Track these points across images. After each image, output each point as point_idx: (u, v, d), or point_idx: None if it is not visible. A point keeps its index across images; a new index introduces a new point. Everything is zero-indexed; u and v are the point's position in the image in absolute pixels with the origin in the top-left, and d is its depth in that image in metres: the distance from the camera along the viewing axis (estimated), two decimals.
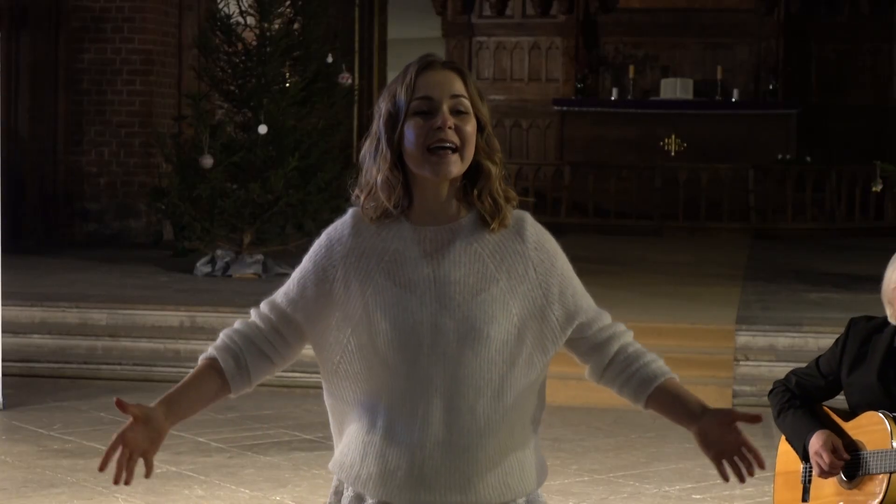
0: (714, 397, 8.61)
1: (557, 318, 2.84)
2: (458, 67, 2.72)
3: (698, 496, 6.53)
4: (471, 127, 2.67)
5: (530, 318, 2.74)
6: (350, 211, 2.75)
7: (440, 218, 2.69)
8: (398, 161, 2.66)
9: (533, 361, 2.76)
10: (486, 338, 2.65)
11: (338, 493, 2.78)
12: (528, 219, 2.80)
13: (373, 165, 2.68)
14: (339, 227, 2.73)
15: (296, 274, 2.77)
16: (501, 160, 2.73)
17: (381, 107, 2.68)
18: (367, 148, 2.71)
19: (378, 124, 2.69)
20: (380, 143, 2.67)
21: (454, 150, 2.63)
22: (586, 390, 8.72)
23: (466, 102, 2.67)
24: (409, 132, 2.63)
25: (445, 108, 2.64)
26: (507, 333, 2.69)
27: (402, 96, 2.65)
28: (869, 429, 4.01)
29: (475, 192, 2.68)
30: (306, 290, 2.73)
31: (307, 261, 2.75)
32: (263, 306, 2.82)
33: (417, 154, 2.63)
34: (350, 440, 2.73)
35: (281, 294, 2.79)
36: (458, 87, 2.68)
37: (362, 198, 2.70)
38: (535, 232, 2.79)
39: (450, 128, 2.63)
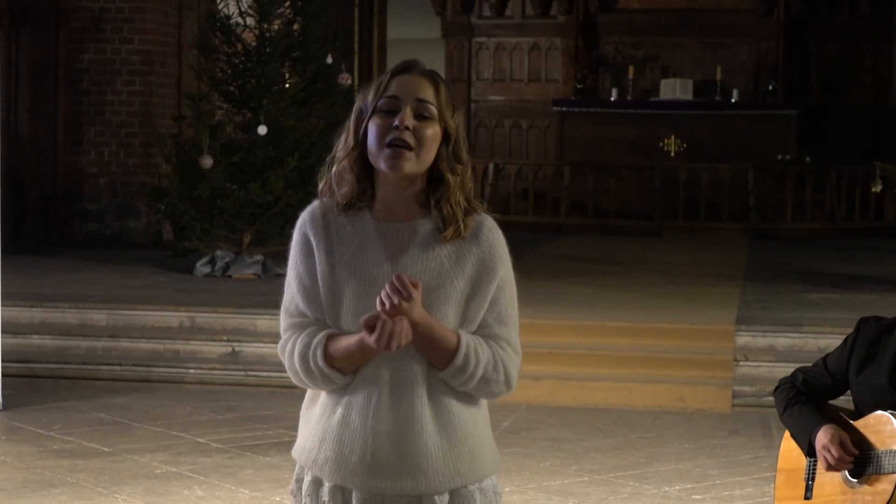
0: (714, 397, 8.62)
1: (474, 312, 2.82)
2: (433, 76, 2.81)
3: (698, 496, 6.53)
4: (431, 132, 2.76)
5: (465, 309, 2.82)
6: (311, 206, 2.87)
7: (400, 215, 2.81)
8: (361, 156, 2.79)
9: None
10: None
11: (298, 480, 2.92)
12: (488, 223, 2.85)
13: (338, 159, 2.83)
14: (307, 220, 2.85)
15: (292, 283, 2.90)
16: (464, 172, 2.81)
17: (356, 105, 2.83)
18: (339, 143, 2.85)
19: (349, 120, 2.83)
20: (347, 138, 2.82)
21: (410, 149, 2.74)
22: (586, 390, 8.73)
23: (432, 108, 2.76)
24: (372, 128, 2.76)
25: (408, 109, 2.75)
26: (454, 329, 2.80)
27: (371, 95, 2.79)
28: (877, 428, 4.00)
29: (433, 199, 2.78)
30: (310, 289, 2.86)
31: (293, 263, 2.88)
32: (292, 325, 2.94)
33: (375, 149, 2.75)
34: (312, 425, 2.87)
35: (293, 310, 2.93)
36: (427, 93, 2.77)
37: (335, 187, 2.82)
38: (491, 237, 2.83)
39: (407, 128, 2.73)
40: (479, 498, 2.84)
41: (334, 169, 2.82)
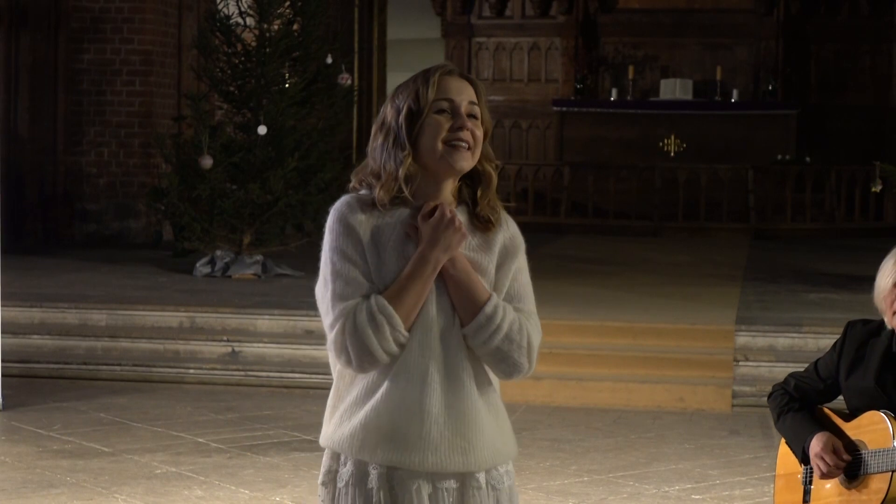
0: (714, 397, 8.62)
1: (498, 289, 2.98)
2: (472, 79, 3.00)
3: (698, 496, 6.53)
4: (479, 133, 2.95)
5: None
6: (345, 198, 2.93)
7: None
8: (415, 154, 2.91)
9: None
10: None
11: (331, 472, 2.93)
12: (509, 217, 3.05)
13: (388, 159, 2.90)
14: (346, 209, 2.90)
15: (340, 270, 2.87)
16: (497, 168, 3.01)
17: (400, 104, 2.91)
18: (379, 142, 2.93)
19: (396, 120, 2.91)
20: (398, 137, 2.90)
21: (469, 149, 2.92)
22: (586, 390, 8.73)
23: (478, 110, 2.96)
24: (430, 128, 2.89)
25: (464, 110, 2.93)
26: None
27: (425, 95, 2.90)
28: (870, 428, 4.01)
29: (479, 192, 2.96)
30: (356, 266, 2.88)
31: (338, 250, 2.88)
32: (345, 308, 2.86)
33: (436, 147, 2.89)
34: (350, 412, 2.90)
35: (347, 293, 2.86)
36: (473, 95, 2.97)
37: (377, 188, 2.90)
38: (512, 227, 3.04)
39: (467, 129, 2.91)
40: (507, 479, 2.98)
41: (399, 170, 2.89)
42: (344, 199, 2.93)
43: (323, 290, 2.89)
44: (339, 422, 2.91)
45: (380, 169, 2.91)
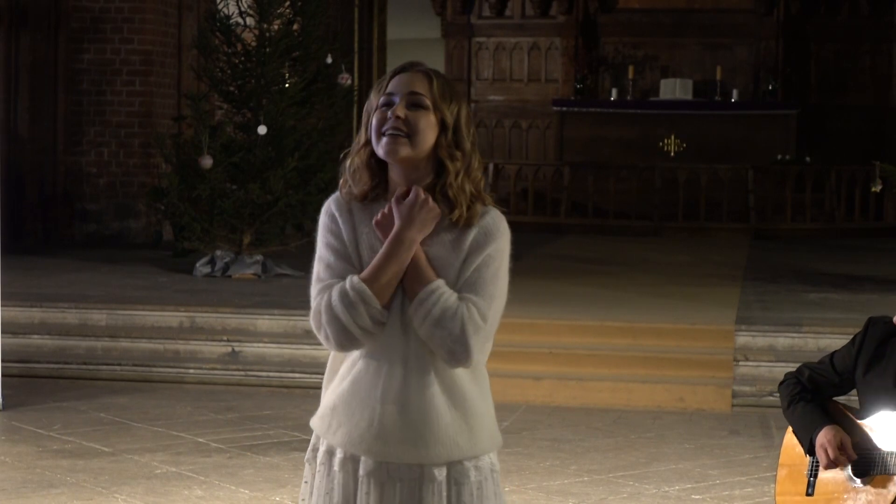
0: (714, 397, 8.62)
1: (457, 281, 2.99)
2: (428, 72, 3.02)
3: (698, 496, 6.53)
4: (425, 121, 2.96)
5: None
6: (334, 195, 3.08)
7: None
8: (373, 152, 3.01)
9: None
10: None
11: (314, 449, 3.07)
12: (493, 214, 3.01)
13: (354, 154, 3.05)
14: (332, 203, 3.06)
15: (323, 256, 3.02)
16: (467, 160, 3.00)
17: (366, 105, 3.06)
18: (355, 140, 3.09)
19: (363, 118, 3.07)
20: (360, 135, 3.05)
21: (404, 136, 2.95)
22: (586, 390, 8.73)
23: (424, 100, 2.97)
24: (372, 123, 3.00)
25: (401, 102, 2.97)
26: None
27: (377, 94, 3.03)
28: (883, 429, 4.00)
29: (438, 186, 2.98)
30: (342, 251, 3.00)
31: (323, 239, 3.03)
32: (324, 286, 2.98)
33: (375, 139, 2.98)
34: (329, 393, 3.04)
35: (325, 276, 2.99)
36: (420, 86, 2.98)
37: (350, 182, 3.04)
38: (490, 224, 2.99)
39: (399, 117, 2.95)
40: (474, 474, 2.98)
41: (349, 165, 3.04)
42: (333, 195, 3.08)
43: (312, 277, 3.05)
44: (322, 403, 3.06)
45: (349, 166, 3.05)
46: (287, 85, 11.75)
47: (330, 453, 3.01)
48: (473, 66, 19.66)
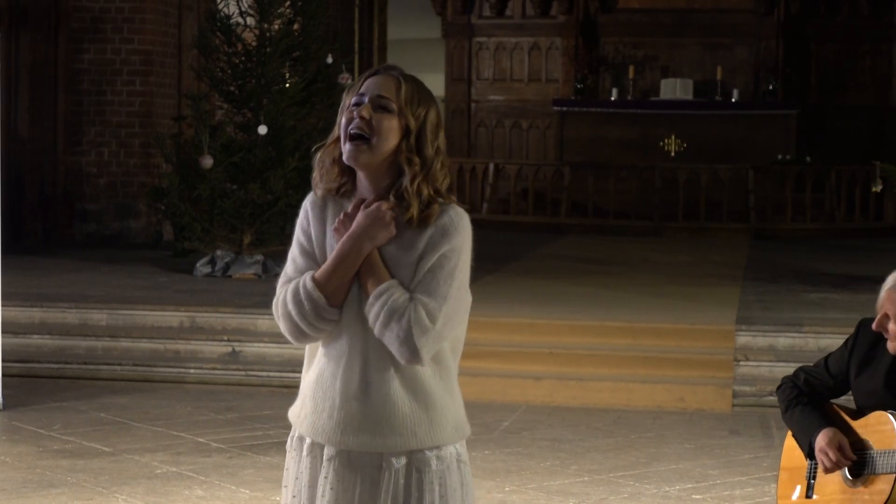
0: (714, 397, 8.62)
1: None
2: (399, 76, 3.07)
3: (698, 496, 6.53)
4: (387, 124, 3.02)
5: None
6: (311, 194, 3.18)
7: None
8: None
9: None
10: None
11: (291, 439, 3.19)
12: (452, 212, 3.05)
13: (324, 152, 3.14)
14: (307, 201, 3.16)
15: (292, 251, 3.15)
16: (427, 165, 3.03)
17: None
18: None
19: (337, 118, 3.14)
20: (333, 132, 3.12)
21: (365, 141, 3.01)
22: (586, 390, 8.73)
23: (390, 103, 3.03)
24: (341, 122, 3.08)
25: (368, 102, 3.03)
26: None
27: (348, 96, 3.10)
28: (877, 428, 4.01)
29: (394, 189, 3.04)
30: (307, 247, 3.12)
31: (295, 235, 3.15)
32: (286, 281, 3.13)
33: (342, 140, 3.06)
34: (301, 387, 3.16)
35: (290, 272, 3.13)
36: (388, 90, 3.04)
37: (317, 177, 3.13)
38: (447, 222, 3.03)
39: (363, 117, 3.02)
40: (436, 463, 3.05)
41: (320, 160, 3.12)
42: (312, 191, 3.17)
43: None
44: (298, 395, 3.17)
45: (320, 161, 3.13)
46: (287, 85, 11.75)
47: (301, 440, 3.13)
48: (474, 66, 19.66)
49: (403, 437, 3.01)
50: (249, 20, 11.75)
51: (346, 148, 3.03)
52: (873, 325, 4.07)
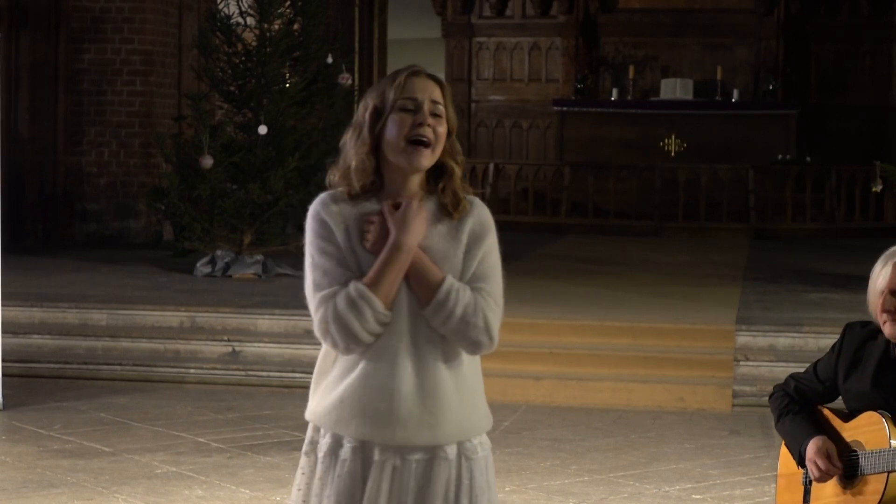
0: (714, 397, 8.62)
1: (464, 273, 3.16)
2: (439, 80, 3.18)
3: (698, 496, 6.53)
4: (443, 129, 3.14)
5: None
6: (320, 196, 3.19)
7: (407, 199, 3.13)
8: (375, 149, 3.13)
9: None
10: None
11: (313, 442, 3.19)
12: (477, 202, 3.22)
13: (353, 153, 3.15)
14: (319, 206, 3.16)
15: (318, 262, 3.12)
16: (462, 162, 3.19)
17: (368, 102, 3.16)
18: (348, 136, 3.18)
19: (363, 116, 3.15)
20: (361, 131, 3.14)
21: (427, 146, 3.10)
22: (586, 390, 8.74)
23: (442, 109, 3.14)
24: (393, 124, 3.10)
25: (426, 108, 3.11)
26: None
27: (390, 94, 3.11)
28: (868, 429, 4.01)
29: (440, 186, 3.15)
30: (337, 255, 3.11)
31: (315, 245, 3.13)
32: (327, 294, 3.08)
33: (398, 143, 3.10)
34: (330, 388, 3.14)
35: (325, 283, 3.09)
36: (438, 95, 3.14)
37: (337, 178, 3.17)
38: (482, 213, 3.20)
39: (428, 125, 3.10)
40: (480, 450, 3.20)
41: (354, 162, 3.13)
42: (319, 196, 3.18)
43: (307, 283, 3.14)
44: (320, 397, 3.16)
45: (347, 162, 3.15)
46: (287, 85, 11.75)
47: (336, 444, 3.12)
48: (474, 66, 19.65)
49: (455, 428, 3.12)
50: (249, 20, 11.76)
51: (406, 150, 3.09)
52: (880, 307, 4.03)
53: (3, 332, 8.33)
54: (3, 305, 8.41)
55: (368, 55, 19.64)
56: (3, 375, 8.18)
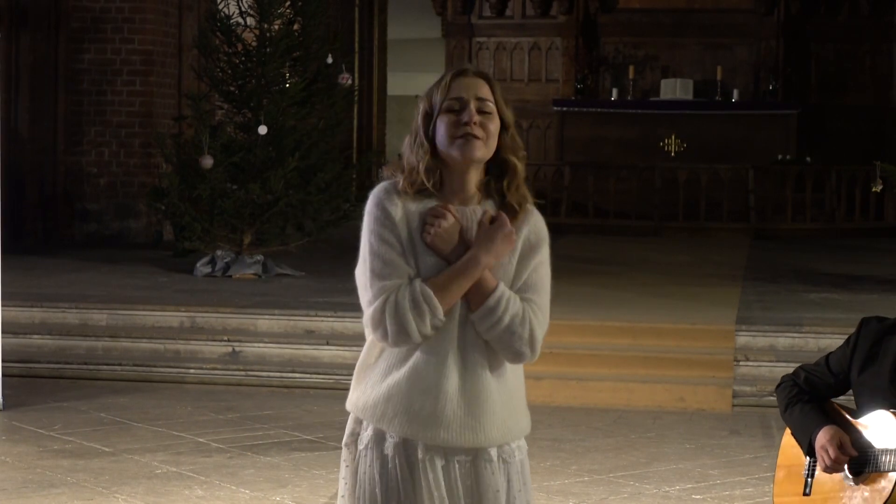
0: (714, 397, 8.62)
1: (515, 281, 3.18)
2: (486, 76, 3.21)
3: (698, 496, 6.53)
4: (494, 125, 3.15)
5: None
6: (382, 183, 3.18)
7: (466, 200, 3.18)
8: (434, 151, 3.15)
9: None
10: None
11: (354, 434, 3.20)
12: (536, 212, 3.28)
13: (412, 155, 3.15)
14: (383, 194, 3.15)
15: (377, 251, 3.10)
16: (524, 157, 3.25)
17: (420, 106, 3.19)
18: (407, 141, 3.19)
19: (417, 122, 3.18)
20: (418, 136, 3.16)
21: (478, 138, 3.12)
22: (586, 390, 8.74)
23: (491, 105, 3.16)
24: (441, 126, 3.13)
25: (472, 107, 3.13)
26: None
27: (437, 97, 3.15)
28: (878, 427, 4.01)
29: (505, 183, 3.19)
30: (392, 247, 3.10)
31: (376, 233, 3.11)
32: (386, 286, 3.08)
33: (446, 142, 3.12)
34: (375, 382, 3.16)
35: (385, 273, 3.08)
36: (485, 91, 3.16)
37: (401, 180, 3.14)
38: (538, 222, 3.26)
39: (475, 123, 3.11)
40: (518, 454, 3.33)
41: (421, 165, 3.12)
42: (381, 184, 3.18)
43: (362, 268, 3.12)
44: (364, 390, 3.17)
45: (406, 164, 3.16)
46: (287, 85, 11.75)
47: (379, 437, 3.14)
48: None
49: (498, 430, 3.19)
50: (249, 20, 11.76)
51: (457, 144, 3.10)
52: None
53: (3, 332, 8.33)
54: (3, 305, 8.41)
55: (368, 55, 19.63)
56: (3, 375, 8.18)
